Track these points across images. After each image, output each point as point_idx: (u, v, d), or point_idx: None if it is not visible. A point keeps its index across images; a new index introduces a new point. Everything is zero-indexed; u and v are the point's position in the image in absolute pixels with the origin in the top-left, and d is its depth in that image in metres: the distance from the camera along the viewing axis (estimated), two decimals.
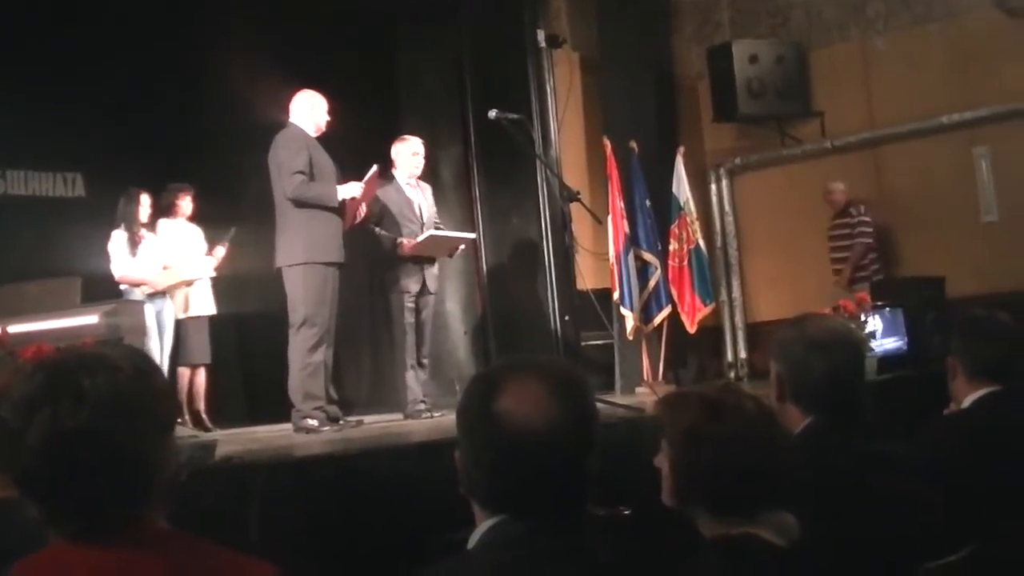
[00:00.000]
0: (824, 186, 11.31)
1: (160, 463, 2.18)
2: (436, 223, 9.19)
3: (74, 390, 2.08)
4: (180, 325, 9.42)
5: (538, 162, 9.86)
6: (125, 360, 2.18)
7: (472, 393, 2.26)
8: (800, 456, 3.03)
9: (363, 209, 8.32)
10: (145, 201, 9.19)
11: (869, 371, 8.58)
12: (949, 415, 4.14)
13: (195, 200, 9.66)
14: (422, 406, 8.77)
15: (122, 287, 9.05)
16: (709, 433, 2.70)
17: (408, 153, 9.15)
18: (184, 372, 9.52)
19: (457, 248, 9.32)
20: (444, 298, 11.17)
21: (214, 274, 9.49)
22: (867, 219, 11.13)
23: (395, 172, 9.11)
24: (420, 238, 8.89)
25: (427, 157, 9.36)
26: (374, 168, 8.23)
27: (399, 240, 8.85)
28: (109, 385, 2.11)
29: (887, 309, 9.67)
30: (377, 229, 8.84)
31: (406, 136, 9.32)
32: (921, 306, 9.72)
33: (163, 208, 9.46)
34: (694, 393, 2.84)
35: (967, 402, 3.97)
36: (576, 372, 2.32)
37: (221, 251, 9.59)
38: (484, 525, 2.25)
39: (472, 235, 9.75)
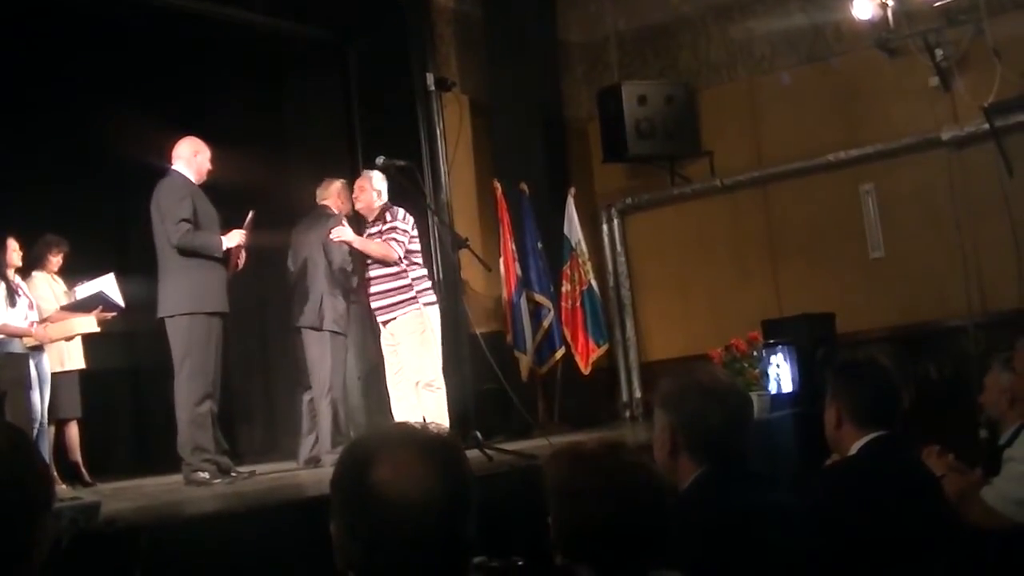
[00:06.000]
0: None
1: (36, 542, 2.13)
2: None
3: None
4: (53, 379, 9.15)
5: (428, 208, 9.80)
6: (2, 436, 2.14)
7: (345, 465, 2.20)
8: (690, 510, 3.02)
9: (243, 256, 8.18)
10: (14, 246, 8.89)
11: (762, 409, 8.64)
12: (837, 463, 4.14)
13: (65, 257, 9.45)
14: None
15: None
16: (587, 490, 2.65)
17: (348, 194, 9.14)
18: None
19: None
20: None
21: (98, 329, 9.15)
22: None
23: (337, 213, 9.07)
24: None
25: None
26: (251, 214, 8.10)
27: None
28: None
29: (778, 347, 9.73)
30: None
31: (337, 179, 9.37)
32: (812, 343, 9.78)
33: (33, 259, 9.19)
34: (575, 450, 2.78)
35: (854, 448, 3.96)
36: (450, 439, 2.28)
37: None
38: None
39: None
